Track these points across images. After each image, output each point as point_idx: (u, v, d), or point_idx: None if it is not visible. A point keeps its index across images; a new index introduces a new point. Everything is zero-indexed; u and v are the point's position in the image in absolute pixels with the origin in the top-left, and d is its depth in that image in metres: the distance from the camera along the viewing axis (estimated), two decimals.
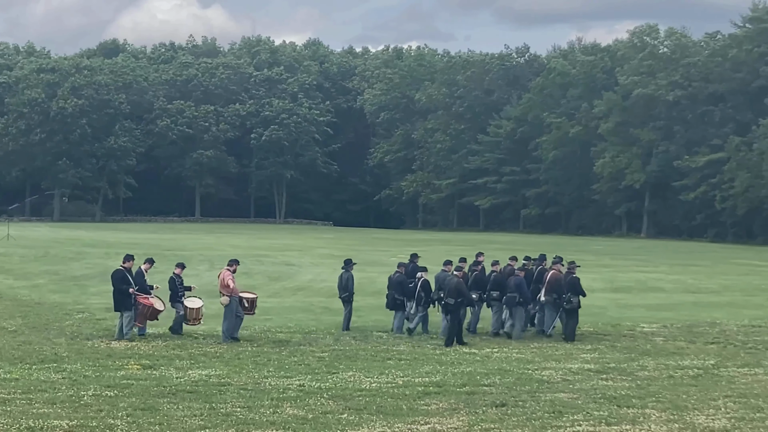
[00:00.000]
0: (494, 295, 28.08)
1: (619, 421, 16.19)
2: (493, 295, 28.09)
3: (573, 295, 27.43)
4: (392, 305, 28.40)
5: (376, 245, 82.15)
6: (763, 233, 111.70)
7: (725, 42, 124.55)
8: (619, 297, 41.51)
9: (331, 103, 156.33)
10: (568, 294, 27.49)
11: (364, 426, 15.45)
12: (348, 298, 28.66)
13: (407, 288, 28.36)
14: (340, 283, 29.27)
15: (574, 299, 27.39)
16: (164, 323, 26.88)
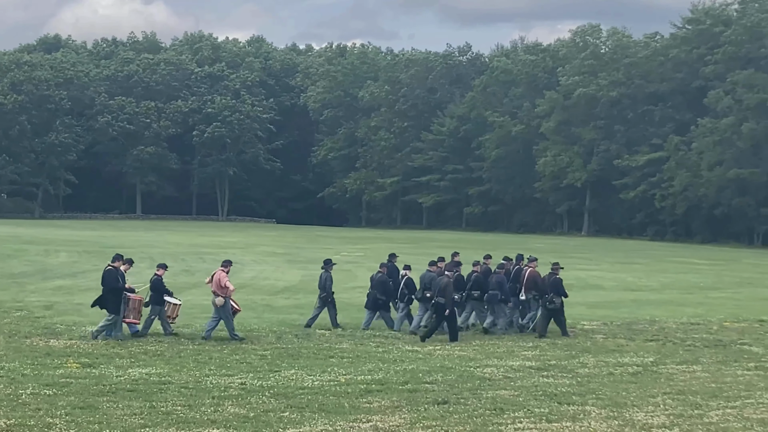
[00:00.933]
0: (475, 295, 28.32)
1: (560, 418, 16.30)
2: (474, 294, 28.33)
3: (555, 296, 27.77)
4: (373, 305, 28.49)
5: (320, 243, 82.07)
6: (702, 232, 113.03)
7: (665, 42, 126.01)
8: None
9: (274, 100, 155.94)
10: (550, 294, 27.79)
11: (306, 424, 15.42)
12: (326, 298, 28.59)
13: (389, 287, 28.51)
14: (319, 282, 29.17)
15: (556, 300, 27.75)
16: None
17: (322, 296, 28.64)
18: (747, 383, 20.53)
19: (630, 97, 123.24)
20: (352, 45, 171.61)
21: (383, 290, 28.42)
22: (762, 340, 27.59)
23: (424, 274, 28.39)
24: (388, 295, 28.50)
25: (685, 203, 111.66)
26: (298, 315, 30.85)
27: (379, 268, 29.33)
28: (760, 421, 16.33)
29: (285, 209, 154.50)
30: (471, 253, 61.84)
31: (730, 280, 53.25)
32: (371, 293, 28.66)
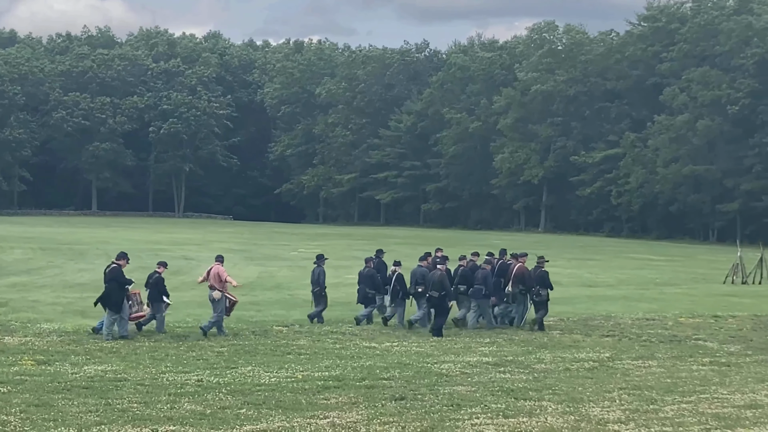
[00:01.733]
0: (461, 289, 28.55)
1: (516, 413, 16.34)
2: (461, 289, 28.54)
3: (542, 288, 28.47)
4: (363, 299, 28.96)
5: (277, 239, 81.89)
6: (657, 228, 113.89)
7: (621, 40, 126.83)
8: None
9: (231, 96, 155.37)
10: (537, 287, 28.45)
11: (263, 421, 15.37)
12: (319, 293, 28.94)
13: (378, 282, 28.89)
14: (312, 277, 29.46)
15: (543, 292, 28.45)
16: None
17: (315, 290, 29.06)
18: (702, 378, 20.68)
19: (586, 94, 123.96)
20: (309, 41, 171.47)
21: (372, 284, 28.79)
22: (717, 336, 27.83)
23: (415, 269, 28.86)
24: (376, 289, 28.86)
25: (641, 200, 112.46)
26: (255, 311, 30.77)
27: (366, 263, 29.61)
28: (714, 416, 16.46)
29: (242, 206, 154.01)
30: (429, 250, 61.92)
31: (685, 276, 53.67)
32: (360, 288, 29.05)
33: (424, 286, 27.63)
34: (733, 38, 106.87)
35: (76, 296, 35.18)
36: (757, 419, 16.30)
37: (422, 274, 28.26)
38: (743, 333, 28.59)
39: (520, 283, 28.84)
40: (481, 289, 28.27)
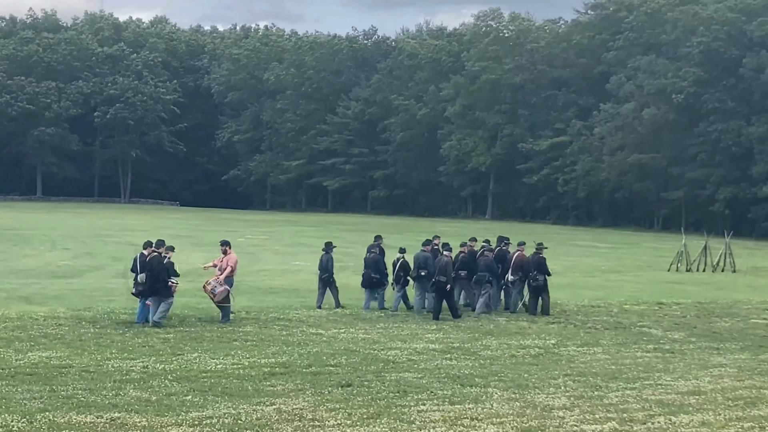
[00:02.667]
0: (462, 275, 29.24)
1: (462, 400, 16.41)
2: (462, 274, 29.23)
3: (539, 274, 29.33)
4: (368, 283, 29.48)
5: (224, 225, 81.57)
6: (603, 216, 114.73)
7: (568, 28, 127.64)
8: None
9: (178, 81, 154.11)
10: (534, 272, 29.30)
11: (209, 407, 15.32)
12: (328, 279, 29.32)
13: (382, 267, 29.73)
14: (320, 264, 29.80)
15: (539, 277, 29.28)
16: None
17: (324, 277, 29.40)
18: (646, 365, 20.87)
19: (533, 82, 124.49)
20: (257, 27, 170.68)
21: (376, 269, 29.48)
22: (661, 323, 28.09)
23: (417, 254, 29.50)
24: (381, 274, 29.56)
25: (587, 187, 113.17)
26: (201, 298, 30.58)
27: (371, 249, 30.36)
28: (658, 402, 16.62)
29: (189, 192, 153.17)
30: (375, 236, 62.03)
31: (630, 264, 54.12)
32: (365, 273, 29.60)
33: (428, 269, 28.53)
34: (679, 27, 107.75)
35: (20, 282, 34.87)
36: (700, 405, 16.48)
37: (425, 258, 29.12)
38: (687, 320, 28.88)
39: (520, 270, 29.74)
40: (485, 275, 29.09)
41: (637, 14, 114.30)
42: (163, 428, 13.96)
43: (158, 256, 25.50)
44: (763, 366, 21.16)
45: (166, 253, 26.16)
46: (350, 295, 30.28)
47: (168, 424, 14.18)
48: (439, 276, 27.65)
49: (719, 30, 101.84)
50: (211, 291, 26.13)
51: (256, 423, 14.40)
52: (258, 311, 27.81)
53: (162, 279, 25.10)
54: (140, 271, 25.44)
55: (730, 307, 32.88)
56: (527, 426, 14.63)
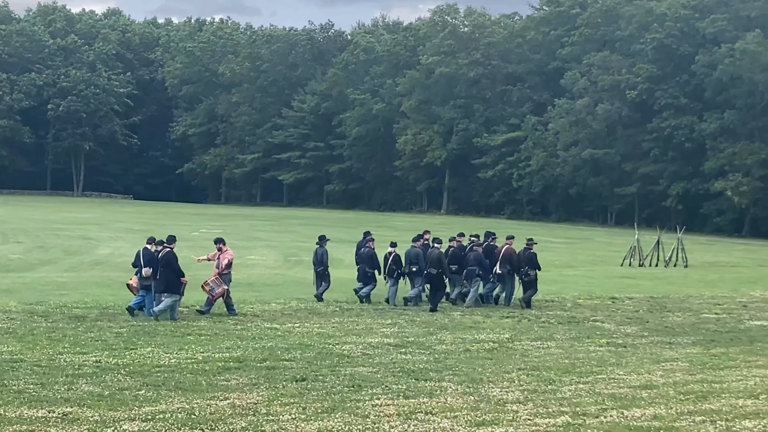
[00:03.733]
0: (453, 269, 29.95)
1: (417, 394, 16.42)
2: (452, 268, 29.92)
3: (530, 269, 30.11)
4: (362, 278, 30.24)
5: (178, 219, 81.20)
6: (557, 211, 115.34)
7: (523, 24, 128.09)
8: None
9: (132, 74, 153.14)
10: (525, 267, 30.06)
11: (162, 402, 15.23)
12: (323, 272, 30.06)
13: (377, 262, 30.28)
14: (315, 258, 30.55)
15: (531, 272, 30.09)
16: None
17: (319, 270, 30.12)
18: (599, 359, 21.00)
19: (489, 77, 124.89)
20: (212, 20, 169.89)
21: (371, 264, 30.18)
22: (614, 317, 28.27)
23: (409, 250, 30.16)
24: (375, 268, 30.22)
25: (542, 182, 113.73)
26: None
27: (366, 244, 30.90)
28: (611, 396, 16.72)
29: (143, 185, 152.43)
30: (331, 230, 61.96)
31: (584, 258, 54.47)
32: (360, 268, 30.45)
33: (419, 264, 29.28)
34: (633, 23, 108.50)
35: None
36: (653, 399, 16.60)
37: (416, 254, 29.73)
38: (640, 314, 29.09)
39: (508, 263, 30.32)
40: (475, 269, 29.70)
41: (592, 10, 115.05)
42: (116, 423, 13.86)
43: (172, 252, 25.61)
44: (715, 360, 21.35)
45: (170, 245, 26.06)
46: (304, 289, 30.21)
47: (121, 419, 14.08)
48: (430, 269, 28.61)
49: (672, 27, 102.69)
50: (210, 290, 26.22)
51: (209, 417, 14.33)
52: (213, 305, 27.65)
53: (177, 275, 25.32)
54: (144, 265, 25.64)
55: (682, 301, 33.19)
56: (481, 420, 14.67)
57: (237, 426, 13.91)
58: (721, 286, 40.03)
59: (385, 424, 14.26)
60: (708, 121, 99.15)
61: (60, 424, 13.76)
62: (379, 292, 30.48)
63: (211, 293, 26.10)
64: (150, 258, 25.76)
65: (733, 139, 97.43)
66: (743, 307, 32.16)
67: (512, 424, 14.47)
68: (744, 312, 30.69)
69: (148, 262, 25.63)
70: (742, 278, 44.77)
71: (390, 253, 30.32)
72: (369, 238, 31.38)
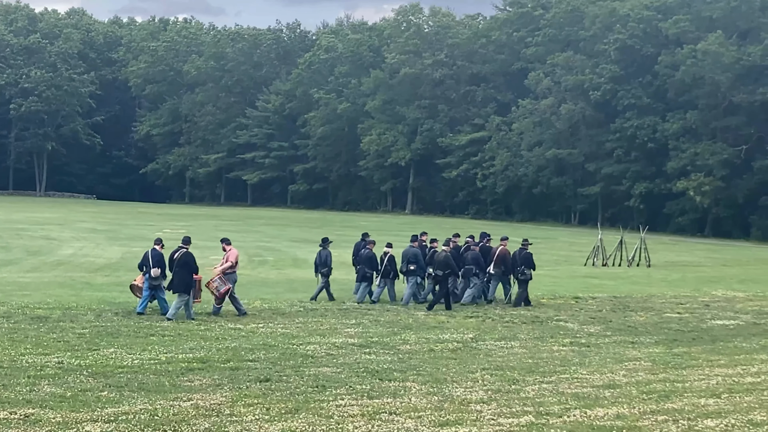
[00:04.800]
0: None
1: (381, 394, 16.43)
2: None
3: (526, 268, 30.83)
4: (362, 278, 30.62)
5: (141, 219, 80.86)
6: (521, 211, 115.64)
7: (487, 24, 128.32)
8: None
9: (95, 74, 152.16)
10: (521, 267, 30.81)
11: (125, 403, 15.16)
12: (327, 273, 30.57)
13: (376, 263, 30.70)
14: (318, 259, 31.14)
15: (527, 272, 30.80)
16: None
17: (323, 271, 30.62)
18: (562, 358, 21.09)
19: (453, 78, 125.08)
20: (175, 19, 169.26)
21: (370, 265, 30.56)
22: (577, 317, 28.40)
23: (406, 250, 30.87)
24: (374, 269, 30.63)
25: (506, 182, 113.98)
26: (118, 293, 30.30)
27: (366, 246, 31.20)
28: (574, 396, 16.79)
29: (106, 185, 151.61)
30: (295, 230, 61.99)
31: (547, 258, 54.55)
32: (360, 268, 30.68)
33: (418, 263, 30.03)
34: (597, 24, 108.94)
35: None
36: (616, 399, 16.69)
37: (414, 254, 30.46)
38: (603, 314, 29.23)
39: (502, 264, 31.12)
40: (472, 268, 30.64)
41: (556, 11, 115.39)
42: (78, 424, 13.79)
43: (189, 253, 25.94)
44: (677, 359, 21.49)
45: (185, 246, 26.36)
46: (268, 290, 30.11)
47: (83, 420, 14.01)
48: (437, 271, 29.08)
49: (635, 27, 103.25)
50: (216, 289, 26.34)
51: (173, 418, 14.28)
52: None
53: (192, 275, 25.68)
54: (153, 266, 25.86)
55: (645, 301, 33.37)
56: (445, 420, 14.69)
57: (200, 427, 13.87)
58: (684, 285, 40.30)
59: (349, 424, 14.26)
60: (670, 121, 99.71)
61: (22, 426, 13.67)
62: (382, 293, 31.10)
63: (217, 291, 26.25)
64: (159, 259, 26.10)
65: (695, 139, 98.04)
66: (705, 306, 32.38)
67: (476, 424, 14.51)
68: (706, 311, 30.90)
69: (157, 263, 25.96)
70: (704, 278, 45.08)
71: (385, 253, 30.82)
72: (369, 240, 31.77)
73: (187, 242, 26.34)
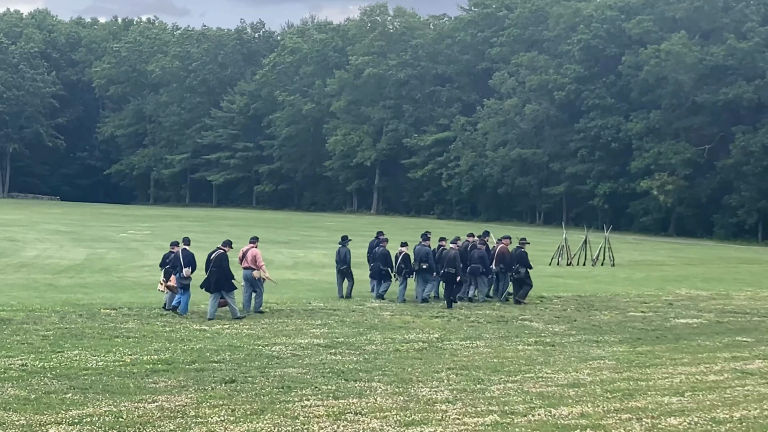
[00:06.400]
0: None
1: (347, 394, 16.44)
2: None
3: (521, 266, 31.65)
4: (377, 275, 31.68)
5: (105, 221, 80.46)
6: (486, 210, 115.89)
7: (452, 24, 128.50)
8: None
9: (58, 74, 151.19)
10: (516, 265, 31.64)
11: (90, 405, 15.09)
12: (346, 270, 31.55)
13: (391, 260, 31.68)
14: (338, 257, 32.13)
15: (521, 270, 31.61)
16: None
17: (342, 269, 31.59)
18: (527, 358, 21.16)
19: (418, 78, 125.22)
20: (138, 20, 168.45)
21: (385, 262, 31.61)
22: (542, 316, 28.50)
23: (418, 248, 31.64)
24: (389, 266, 31.65)
25: (471, 182, 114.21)
26: (82, 294, 30.15)
27: (380, 243, 32.37)
28: (539, 395, 16.86)
29: (70, 186, 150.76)
30: (260, 231, 61.85)
31: None
32: (375, 265, 31.74)
33: (429, 262, 30.63)
34: (560, 24, 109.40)
35: None
36: (580, 398, 16.77)
37: (426, 252, 31.12)
38: (567, 313, 29.36)
39: (501, 262, 32.08)
40: (478, 267, 31.59)
41: (521, 11, 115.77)
42: (42, 427, 13.72)
43: (224, 254, 26.47)
44: (641, 358, 21.62)
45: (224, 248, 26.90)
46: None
47: (47, 423, 13.94)
48: (448, 268, 29.86)
49: (599, 28, 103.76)
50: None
51: (137, 420, 14.23)
52: (140, 307, 27.45)
53: (228, 275, 26.26)
54: (185, 266, 26.69)
55: (610, 300, 33.55)
56: (410, 419, 14.72)
57: (165, 429, 13.84)
58: (648, 284, 40.53)
59: (314, 425, 14.27)
60: (634, 121, 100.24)
61: None
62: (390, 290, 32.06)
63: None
64: (190, 259, 26.92)
65: (659, 139, 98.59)
66: (669, 305, 32.59)
67: (441, 424, 14.54)
68: (670, 310, 31.10)
69: (188, 263, 26.73)
70: (667, 277, 45.36)
71: (400, 252, 31.66)
72: (383, 238, 32.84)
73: (226, 244, 27.01)
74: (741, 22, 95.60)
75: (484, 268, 31.83)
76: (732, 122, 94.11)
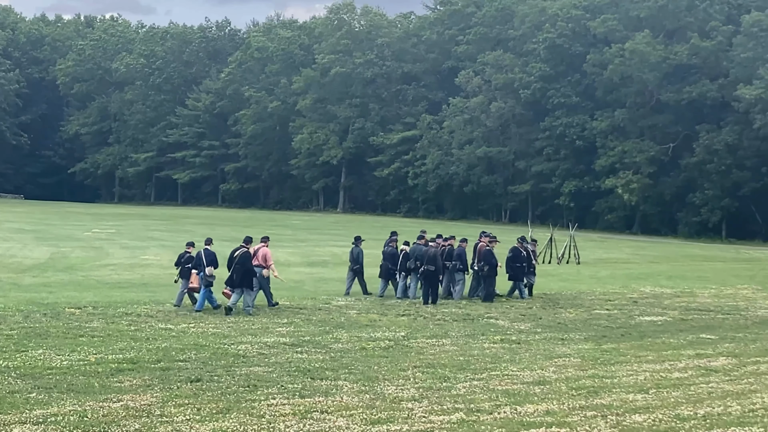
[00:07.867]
0: (449, 266, 32.14)
1: (313, 393, 16.44)
2: (448, 265, 32.08)
3: (485, 264, 32.05)
4: (385, 274, 32.42)
5: (69, 219, 80.00)
6: (452, 209, 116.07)
7: (419, 23, 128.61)
8: (315, 271, 42.18)
9: (21, 72, 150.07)
10: (482, 263, 32.27)
11: (54, 405, 15.02)
12: (359, 270, 32.38)
13: (397, 259, 32.19)
14: (351, 256, 33.06)
15: (485, 267, 32.02)
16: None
17: (355, 268, 32.48)
18: (493, 356, 21.22)
19: (384, 77, 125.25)
20: (102, 17, 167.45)
21: (393, 262, 32.20)
22: (508, 314, 28.59)
23: (414, 247, 31.95)
24: (395, 265, 32.17)
25: (437, 181, 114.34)
26: (47, 293, 29.96)
27: (390, 243, 33.08)
28: (504, 392, 16.91)
29: (34, 184, 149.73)
30: (226, 229, 61.73)
31: None
32: (384, 264, 32.44)
33: (419, 261, 30.87)
34: (526, 23, 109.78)
35: None
36: (545, 395, 16.84)
37: (421, 252, 31.27)
38: (533, 311, 29.47)
39: (482, 260, 32.41)
40: (456, 264, 32.18)
41: (487, 9, 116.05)
42: (7, 426, 13.63)
43: (248, 252, 27.18)
44: (606, 356, 21.73)
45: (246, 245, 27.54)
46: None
47: (11, 422, 13.86)
48: (428, 265, 30.13)
49: (564, 26, 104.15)
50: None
51: (102, 420, 14.17)
52: (105, 306, 27.30)
53: (250, 272, 27.03)
54: (207, 265, 27.17)
55: (575, 298, 33.72)
56: (376, 418, 14.74)
57: (130, 428, 13.78)
58: (613, 282, 40.75)
59: (280, 423, 14.26)
60: (599, 119, 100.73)
61: None
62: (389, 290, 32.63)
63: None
64: (213, 258, 27.42)
65: (624, 137, 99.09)
66: (633, 303, 32.78)
67: (407, 422, 14.57)
68: (634, 308, 31.27)
69: (211, 262, 27.37)
70: (632, 274, 45.62)
71: (401, 251, 32.28)
72: (393, 237, 33.46)
73: (247, 241, 27.72)
74: (705, 21, 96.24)
75: (461, 266, 32.32)
76: (696, 121, 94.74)
